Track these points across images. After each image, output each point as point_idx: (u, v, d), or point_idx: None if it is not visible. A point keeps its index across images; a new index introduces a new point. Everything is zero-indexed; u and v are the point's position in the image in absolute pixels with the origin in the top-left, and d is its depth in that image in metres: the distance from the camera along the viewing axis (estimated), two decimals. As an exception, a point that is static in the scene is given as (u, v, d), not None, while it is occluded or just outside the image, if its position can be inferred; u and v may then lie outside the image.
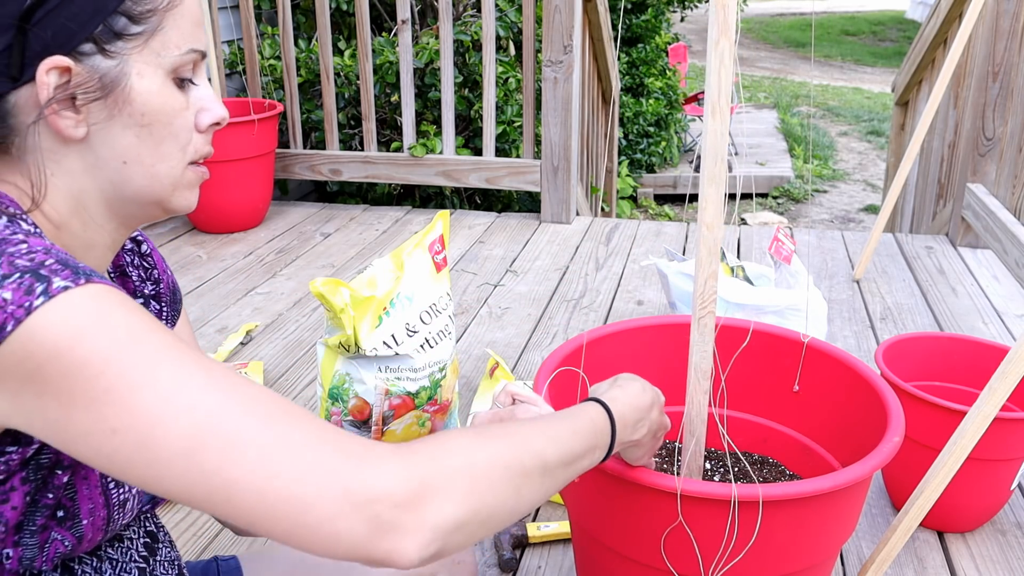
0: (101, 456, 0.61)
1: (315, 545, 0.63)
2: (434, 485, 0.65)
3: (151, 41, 0.72)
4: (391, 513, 0.63)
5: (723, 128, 0.92)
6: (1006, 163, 2.92)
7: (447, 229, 1.78)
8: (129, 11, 0.70)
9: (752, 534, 0.96)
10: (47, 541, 0.71)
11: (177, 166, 0.77)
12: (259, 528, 0.62)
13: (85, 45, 0.69)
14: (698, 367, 1.03)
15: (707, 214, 0.95)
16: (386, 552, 0.63)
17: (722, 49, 0.89)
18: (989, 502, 1.56)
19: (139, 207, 0.77)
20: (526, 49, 3.24)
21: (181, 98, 0.75)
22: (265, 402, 0.64)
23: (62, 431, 0.61)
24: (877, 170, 8.27)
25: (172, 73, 0.74)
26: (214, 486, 0.61)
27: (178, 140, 0.76)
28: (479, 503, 0.67)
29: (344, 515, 0.62)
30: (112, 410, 0.60)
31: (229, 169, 3.15)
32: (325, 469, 0.62)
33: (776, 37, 16.29)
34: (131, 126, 0.73)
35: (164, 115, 0.74)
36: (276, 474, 0.61)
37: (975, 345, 1.67)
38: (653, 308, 2.62)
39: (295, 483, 0.61)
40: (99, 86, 0.70)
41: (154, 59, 0.72)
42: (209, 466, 0.60)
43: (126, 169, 0.74)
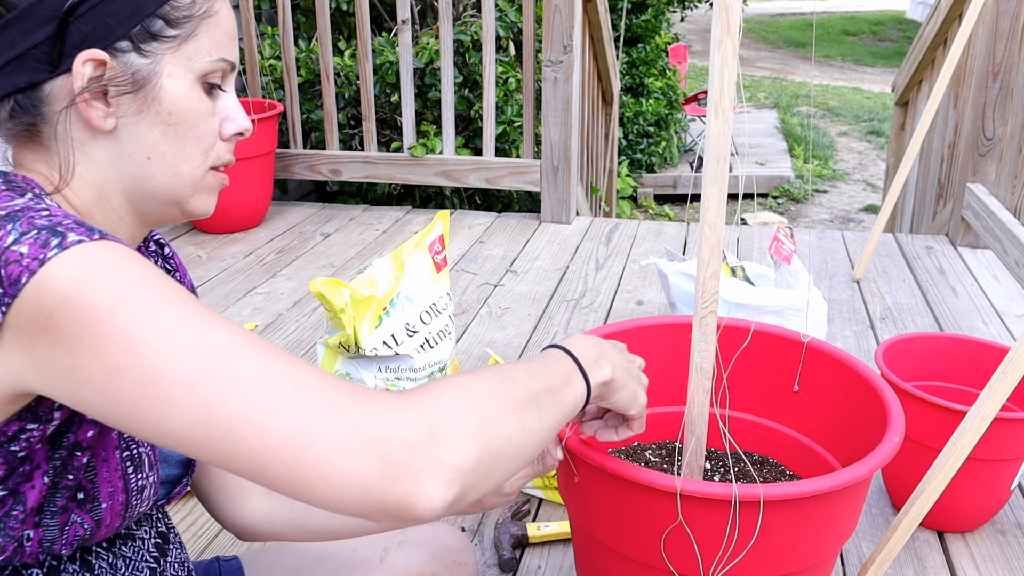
0: (107, 400, 0.61)
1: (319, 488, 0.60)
2: (444, 423, 0.63)
3: (184, 45, 0.75)
4: (403, 451, 0.60)
5: (726, 128, 0.92)
6: (1006, 163, 2.92)
7: (447, 229, 1.78)
8: (166, 15, 0.74)
9: (752, 534, 0.96)
10: (67, 523, 0.72)
11: (198, 168, 0.79)
12: (259, 473, 0.60)
13: (122, 42, 0.73)
14: (699, 367, 1.03)
15: (709, 214, 0.95)
16: (403, 495, 0.60)
17: (725, 49, 0.89)
18: (989, 502, 1.56)
19: (159, 204, 0.79)
20: (526, 49, 3.25)
21: (208, 104, 0.78)
22: (271, 347, 0.64)
23: (71, 379, 0.61)
24: (877, 170, 8.27)
25: (201, 78, 0.77)
26: (215, 421, 0.60)
27: (201, 143, 0.78)
28: (489, 436, 0.66)
29: (351, 451, 0.59)
30: (117, 350, 0.60)
31: (229, 169, 3.14)
32: (330, 405, 0.61)
33: (776, 37, 16.29)
34: (158, 124, 0.76)
35: (190, 116, 0.77)
36: (278, 408, 0.60)
37: (975, 345, 1.67)
38: (653, 308, 2.62)
39: (298, 417, 0.60)
40: (131, 81, 0.73)
41: (185, 63, 0.75)
42: (210, 399, 0.60)
43: (149, 165, 0.77)
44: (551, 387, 0.78)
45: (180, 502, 1.70)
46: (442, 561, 1.07)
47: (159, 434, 0.61)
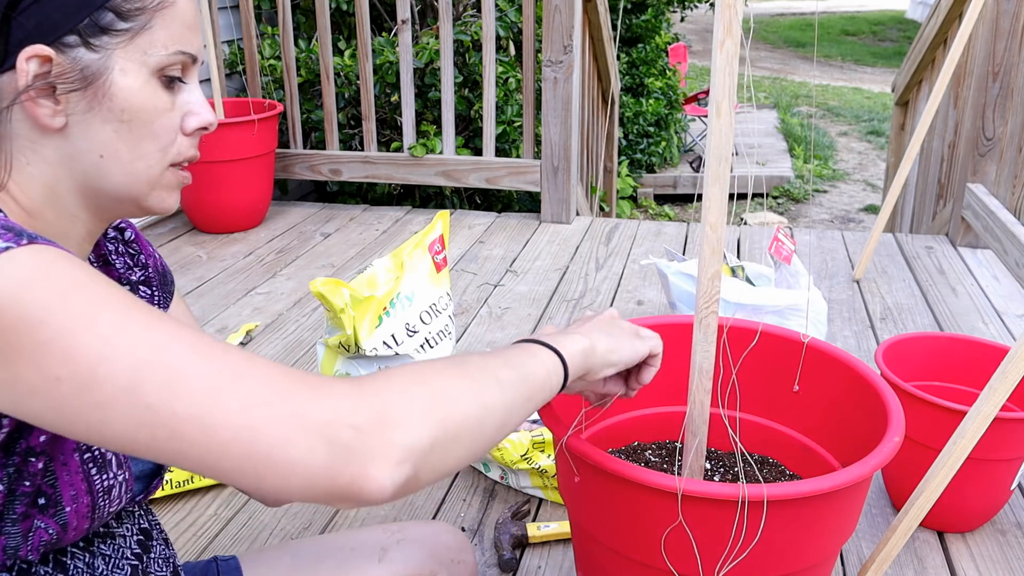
0: (51, 410, 0.60)
1: (268, 479, 0.59)
2: (393, 404, 0.62)
3: (137, 39, 0.72)
4: (351, 435, 0.59)
5: (728, 128, 0.92)
6: (1006, 163, 2.92)
7: (447, 229, 1.78)
8: (117, 7, 0.70)
9: (754, 534, 0.96)
10: (30, 529, 0.71)
11: (156, 166, 0.76)
12: (210, 467, 0.60)
13: (69, 37, 0.70)
14: (700, 367, 1.03)
15: (711, 214, 0.95)
16: (351, 479, 0.59)
17: (727, 49, 0.89)
18: (989, 502, 1.56)
19: (114, 202, 0.77)
20: (526, 49, 3.25)
21: (166, 98, 0.75)
22: (213, 343, 0.62)
23: (12, 391, 0.60)
24: (877, 170, 8.27)
25: (158, 72, 0.74)
26: (159, 422, 0.59)
27: (159, 140, 0.75)
28: (443, 414, 0.65)
29: (297, 440, 0.59)
30: (55, 358, 0.59)
31: (229, 169, 3.16)
32: (274, 395, 0.60)
33: (776, 37, 16.29)
34: (110, 121, 0.73)
35: (145, 113, 0.74)
36: (221, 403, 0.59)
37: (975, 345, 1.67)
38: (653, 308, 2.62)
39: (242, 411, 0.59)
40: (80, 77, 0.71)
41: (139, 57, 0.72)
42: (152, 400, 0.59)
43: (103, 163, 0.74)
44: (510, 363, 0.77)
45: (179, 501, 1.70)
46: (441, 560, 1.07)
47: (105, 439, 0.60)
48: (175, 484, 1.69)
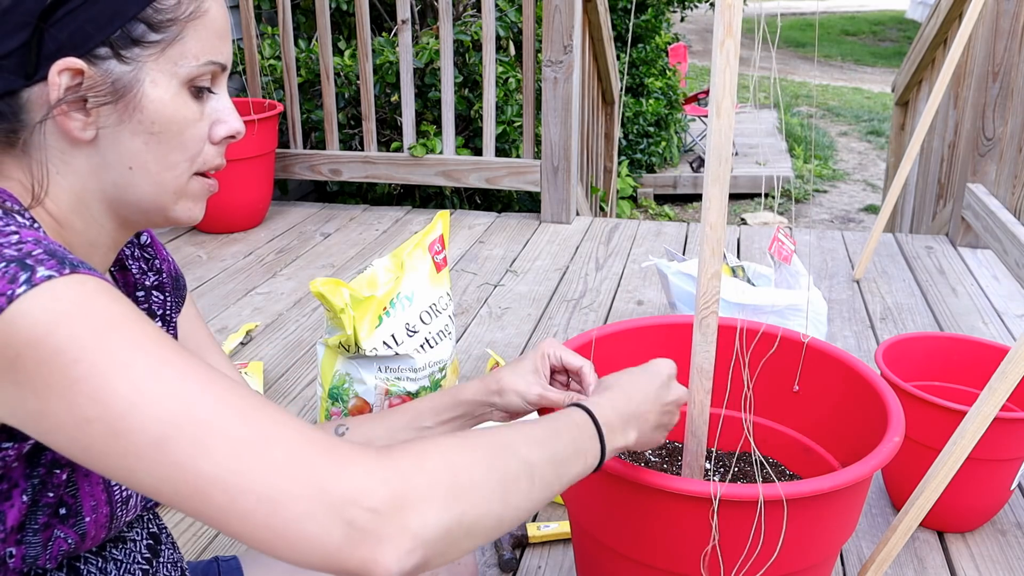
0: (77, 447, 0.60)
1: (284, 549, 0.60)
2: (415, 489, 0.62)
3: (169, 50, 0.72)
4: (368, 518, 0.60)
5: (728, 128, 0.92)
6: (1006, 163, 2.92)
7: (447, 229, 1.78)
8: (149, 19, 0.70)
9: (754, 535, 0.96)
10: (50, 539, 0.71)
11: (183, 176, 0.76)
12: (229, 528, 0.60)
13: (101, 48, 0.69)
14: (700, 367, 1.03)
15: (711, 214, 0.95)
16: (361, 561, 0.60)
17: (728, 49, 0.89)
18: (989, 502, 1.56)
19: (141, 213, 0.77)
20: (526, 49, 3.25)
21: (195, 108, 0.75)
22: (243, 396, 0.62)
23: (41, 422, 0.60)
24: (877, 170, 8.27)
25: (188, 83, 0.74)
26: (184, 479, 0.59)
27: (187, 150, 0.75)
28: (463, 508, 0.64)
29: (316, 517, 0.59)
30: (86, 399, 0.59)
31: (229, 169, 3.13)
32: (300, 466, 0.60)
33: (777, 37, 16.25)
34: (140, 132, 0.72)
35: (175, 124, 0.74)
36: (247, 469, 0.59)
37: (975, 345, 1.67)
38: (653, 308, 2.62)
39: (265, 478, 0.59)
40: (111, 90, 0.70)
41: (170, 68, 0.72)
42: (180, 457, 0.59)
43: (131, 174, 0.74)
44: (555, 458, 0.76)
45: (180, 502, 1.70)
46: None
47: (130, 483, 0.61)
48: (175, 484, 1.68)
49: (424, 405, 1.04)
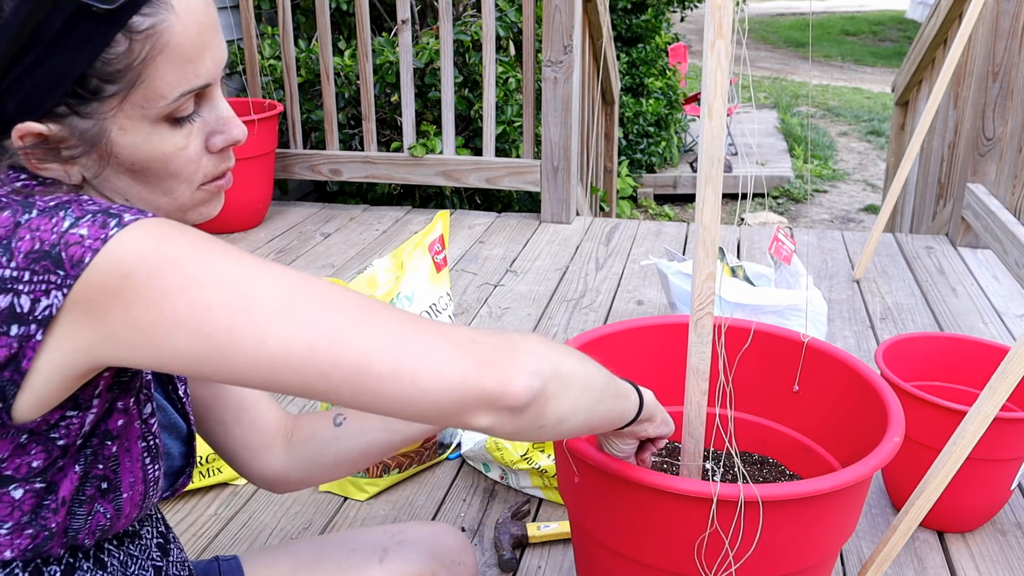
0: (199, 338, 0.62)
1: (423, 381, 0.64)
2: (521, 343, 0.71)
3: (131, 96, 0.68)
4: (492, 351, 0.68)
5: (720, 130, 0.92)
6: (1006, 163, 2.92)
7: (447, 229, 1.78)
8: (100, 72, 0.66)
9: (754, 535, 0.96)
10: (90, 513, 0.73)
11: (182, 196, 0.75)
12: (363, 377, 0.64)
13: (59, 108, 0.67)
14: (696, 368, 1.03)
15: (705, 215, 0.95)
16: (497, 381, 0.67)
17: (718, 50, 0.89)
18: (989, 502, 1.56)
19: None
20: (526, 49, 3.24)
21: (177, 138, 0.72)
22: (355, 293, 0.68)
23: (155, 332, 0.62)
24: (877, 170, 8.26)
25: (164, 119, 0.71)
26: (317, 331, 0.63)
27: (178, 177, 0.74)
28: (559, 364, 0.73)
29: (448, 349, 0.66)
30: (206, 289, 0.61)
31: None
32: (419, 321, 0.67)
33: (776, 37, 16.28)
34: (123, 172, 0.71)
35: (156, 162, 0.72)
36: (375, 319, 0.65)
37: (975, 345, 1.67)
38: (653, 308, 2.62)
39: (395, 324, 0.65)
40: (80, 143, 0.69)
41: (138, 112, 0.69)
42: (310, 314, 0.63)
43: (129, 201, 0.74)
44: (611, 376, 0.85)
45: (180, 501, 1.70)
46: (441, 561, 1.07)
47: (257, 360, 0.63)
48: (175, 484, 1.69)
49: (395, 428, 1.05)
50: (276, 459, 1.02)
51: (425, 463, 1.76)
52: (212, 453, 1.70)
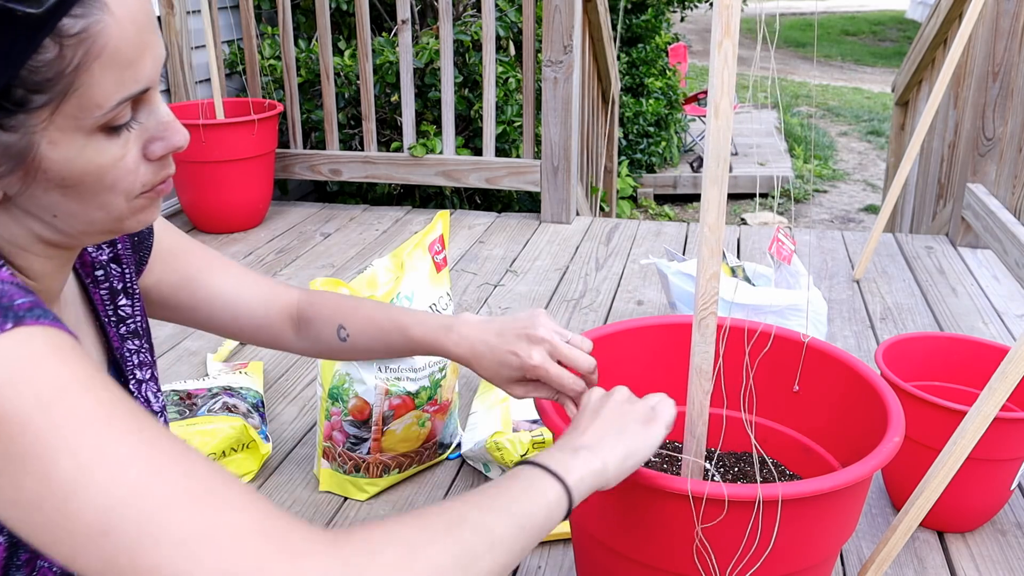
0: (23, 523, 0.57)
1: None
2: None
3: (63, 106, 0.61)
4: None
5: (726, 129, 0.92)
6: (1006, 163, 2.92)
7: (447, 229, 1.78)
8: (26, 82, 0.59)
9: (755, 535, 0.96)
10: (34, 570, 0.70)
11: (117, 208, 0.69)
12: None
13: None
14: (699, 368, 1.03)
15: (709, 215, 0.95)
16: None
17: (725, 50, 0.89)
18: (989, 502, 1.56)
19: (85, 239, 0.73)
20: (526, 49, 3.25)
21: (114, 149, 0.66)
22: (196, 477, 0.58)
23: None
24: (877, 170, 8.27)
25: (100, 129, 0.64)
26: (129, 566, 0.55)
27: (114, 189, 0.67)
28: None
29: None
30: (30, 478, 0.55)
31: (229, 169, 3.15)
32: (249, 560, 0.56)
33: (776, 37, 16.27)
34: (52, 189, 0.65)
35: (90, 175, 0.65)
36: (192, 565, 0.55)
37: (975, 345, 1.67)
38: (653, 308, 2.62)
39: (211, 571, 0.55)
40: (3, 159, 0.62)
41: (71, 123, 0.62)
42: (122, 549, 0.55)
43: (58, 220, 0.68)
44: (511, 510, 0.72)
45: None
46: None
47: (74, 566, 0.57)
48: (175, 484, 1.69)
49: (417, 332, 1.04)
50: (287, 344, 1.09)
51: (425, 463, 1.76)
52: (211, 453, 1.70)
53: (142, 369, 0.89)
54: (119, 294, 0.88)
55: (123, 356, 0.87)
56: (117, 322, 0.87)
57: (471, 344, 1.01)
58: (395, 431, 1.66)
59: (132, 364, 0.88)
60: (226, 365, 2.14)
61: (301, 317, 1.08)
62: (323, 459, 1.72)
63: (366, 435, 1.65)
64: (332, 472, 1.70)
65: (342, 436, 1.66)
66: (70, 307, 0.82)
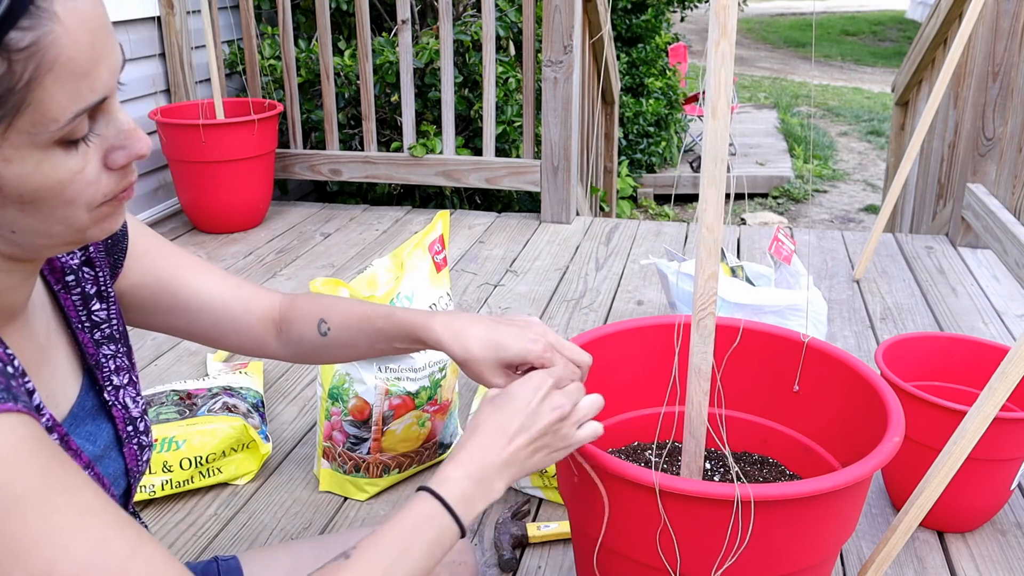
0: None
1: None
2: None
3: (17, 122, 0.59)
4: None
5: (723, 129, 0.92)
6: (1006, 163, 2.92)
7: (447, 229, 1.78)
8: None
9: (754, 534, 0.96)
10: None
11: (79, 220, 0.67)
12: None
13: None
14: (698, 368, 1.03)
15: (707, 215, 0.95)
16: None
17: (722, 50, 0.89)
18: (989, 502, 1.56)
19: (46, 252, 0.71)
20: (526, 49, 3.25)
21: (72, 162, 0.63)
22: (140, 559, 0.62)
23: None
24: (877, 170, 8.26)
25: (57, 143, 0.62)
26: None
27: (74, 203, 0.65)
28: None
29: None
30: None
31: (229, 169, 3.15)
32: None
33: (776, 37, 16.28)
34: (10, 205, 0.63)
35: (48, 190, 0.63)
36: None
37: (975, 345, 1.67)
38: (653, 308, 2.62)
39: None
40: None
41: (26, 139, 0.60)
42: None
43: (16, 236, 0.66)
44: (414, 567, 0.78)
45: (179, 501, 1.70)
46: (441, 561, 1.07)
47: None
48: (175, 484, 1.69)
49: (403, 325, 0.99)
50: (270, 349, 1.06)
51: (425, 463, 1.76)
52: (211, 453, 1.70)
53: (119, 374, 0.87)
54: (92, 299, 0.86)
55: (98, 362, 0.85)
56: (91, 327, 0.85)
57: (461, 325, 0.95)
58: (395, 431, 1.66)
59: (108, 370, 0.86)
60: (226, 365, 2.14)
61: (283, 320, 1.06)
62: (323, 459, 1.72)
63: (366, 435, 1.65)
64: (332, 472, 1.70)
65: (342, 436, 1.66)
66: (39, 315, 0.80)
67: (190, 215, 3.32)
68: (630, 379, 1.32)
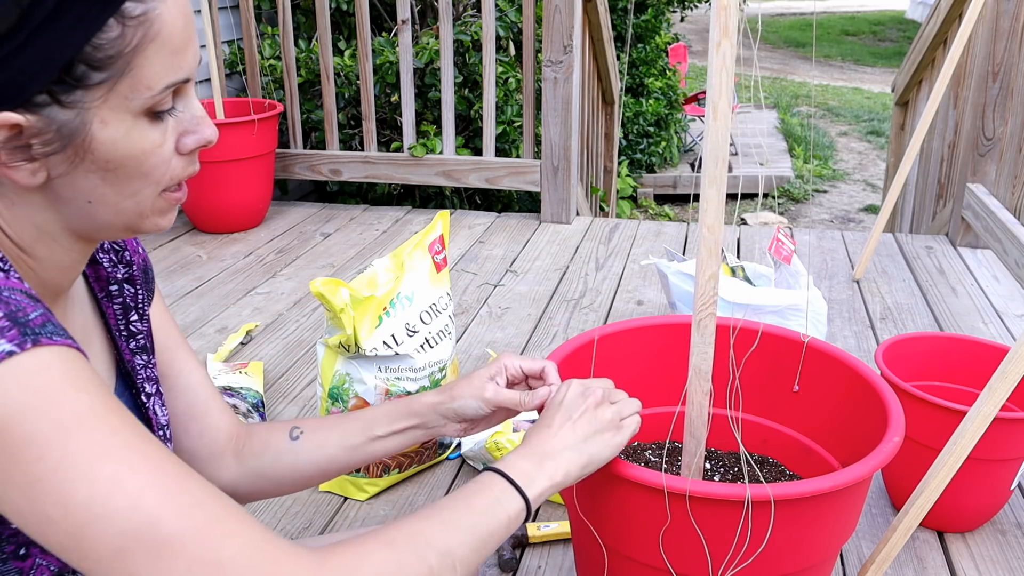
0: (37, 535, 0.61)
1: None
2: None
3: (118, 86, 0.65)
4: None
5: (724, 129, 0.92)
6: (1006, 163, 2.92)
7: (447, 229, 1.78)
8: (89, 58, 0.63)
9: (755, 534, 0.96)
10: (32, 567, 0.70)
11: (146, 200, 0.72)
12: None
13: (40, 96, 0.63)
14: (698, 368, 1.03)
15: (708, 216, 0.95)
16: None
17: (724, 51, 0.89)
18: (989, 502, 1.56)
19: (107, 233, 0.75)
20: (526, 49, 3.25)
21: (155, 135, 0.69)
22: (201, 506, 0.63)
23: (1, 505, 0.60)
24: (877, 170, 8.27)
25: (145, 112, 0.68)
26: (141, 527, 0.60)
27: (149, 177, 0.70)
28: None
29: None
30: (48, 499, 0.59)
31: (229, 169, 3.15)
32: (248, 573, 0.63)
33: (776, 37, 16.28)
34: (95, 171, 0.68)
35: (132, 159, 0.68)
36: None
37: (975, 345, 1.67)
38: (653, 308, 2.62)
39: None
40: (56, 138, 0.65)
41: (122, 103, 0.66)
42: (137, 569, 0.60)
43: (90, 207, 0.70)
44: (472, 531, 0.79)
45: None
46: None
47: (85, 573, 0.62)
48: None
49: (378, 412, 1.04)
50: (225, 470, 0.99)
51: (425, 463, 1.76)
52: (212, 453, 1.70)
53: (150, 383, 0.89)
54: (131, 310, 0.89)
55: (133, 368, 0.87)
56: (128, 336, 0.88)
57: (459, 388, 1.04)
58: (395, 431, 1.66)
59: (142, 377, 0.88)
60: (226, 365, 2.14)
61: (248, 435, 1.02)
62: (323, 459, 1.72)
63: (366, 435, 1.65)
64: (332, 472, 1.70)
65: (342, 436, 1.66)
66: (78, 311, 0.82)
67: (190, 215, 3.32)
68: (630, 379, 1.32)
